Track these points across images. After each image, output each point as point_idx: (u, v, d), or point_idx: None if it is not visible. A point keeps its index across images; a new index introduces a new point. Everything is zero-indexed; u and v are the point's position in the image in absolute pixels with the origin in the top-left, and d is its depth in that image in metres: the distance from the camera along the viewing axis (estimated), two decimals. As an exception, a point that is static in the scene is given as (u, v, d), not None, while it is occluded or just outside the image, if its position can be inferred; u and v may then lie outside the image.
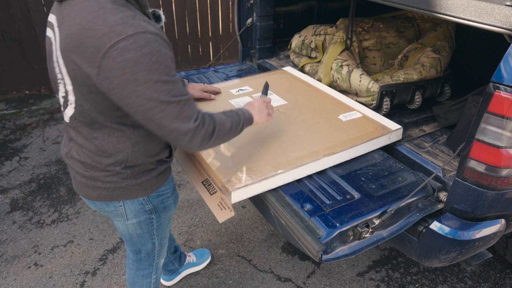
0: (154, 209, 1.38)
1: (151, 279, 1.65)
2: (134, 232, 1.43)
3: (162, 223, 1.47)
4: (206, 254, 2.25)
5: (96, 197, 1.27)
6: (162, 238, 1.53)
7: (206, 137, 1.11)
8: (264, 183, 1.38)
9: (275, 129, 1.68)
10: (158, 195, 1.35)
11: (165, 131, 1.05)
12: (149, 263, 1.59)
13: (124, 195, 1.27)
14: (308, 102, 1.93)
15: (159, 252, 1.58)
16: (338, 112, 1.83)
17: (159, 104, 0.98)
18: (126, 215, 1.34)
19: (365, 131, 1.68)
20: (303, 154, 1.51)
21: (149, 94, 0.96)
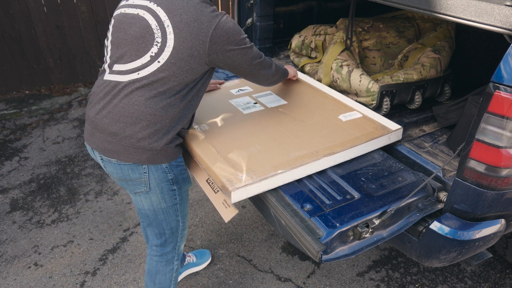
0: (175, 179, 1.48)
1: (173, 266, 1.71)
2: (159, 206, 1.51)
3: (183, 197, 1.57)
4: (207, 254, 2.25)
5: (124, 158, 1.37)
6: (184, 215, 1.62)
7: (268, 65, 1.58)
8: (264, 183, 1.38)
9: (275, 129, 1.68)
10: (177, 165, 1.47)
11: (256, 64, 1.49)
12: (172, 246, 1.66)
13: (151, 159, 1.38)
14: (308, 102, 1.93)
15: (182, 233, 1.66)
16: (338, 112, 1.83)
17: (248, 48, 1.43)
18: (149, 184, 1.44)
19: (365, 131, 1.68)
20: (303, 154, 1.51)
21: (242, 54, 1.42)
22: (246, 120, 1.75)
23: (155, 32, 1.30)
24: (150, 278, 1.70)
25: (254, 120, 1.75)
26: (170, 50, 1.30)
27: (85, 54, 4.34)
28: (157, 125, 1.34)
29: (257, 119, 1.76)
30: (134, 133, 1.34)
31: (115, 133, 1.35)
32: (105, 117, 1.36)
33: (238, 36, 1.36)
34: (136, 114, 1.33)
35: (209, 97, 1.97)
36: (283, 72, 1.77)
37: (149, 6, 1.32)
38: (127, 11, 1.36)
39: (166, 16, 1.30)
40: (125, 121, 1.33)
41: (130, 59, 1.33)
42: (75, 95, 4.21)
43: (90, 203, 2.67)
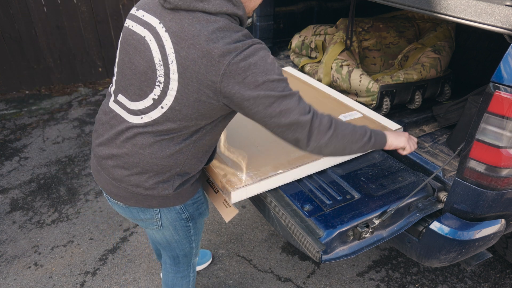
0: (190, 217, 1.38)
1: (190, 278, 1.69)
2: (172, 238, 1.43)
3: (199, 228, 1.48)
4: (208, 255, 2.25)
5: (133, 203, 1.25)
6: (198, 240, 1.55)
7: (322, 131, 1.11)
8: (264, 183, 1.38)
9: None
10: (193, 203, 1.36)
11: (284, 125, 1.08)
12: (187, 265, 1.62)
13: (162, 203, 1.26)
14: (308, 102, 1.93)
15: (196, 253, 1.61)
16: (338, 112, 1.83)
17: (276, 98, 1.04)
18: (161, 223, 1.34)
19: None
20: (303, 154, 1.51)
21: (269, 90, 1.03)
22: (246, 120, 1.75)
23: (157, 69, 1.06)
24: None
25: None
26: (173, 95, 1.06)
27: (85, 54, 4.34)
28: (166, 174, 1.19)
29: None
30: (141, 183, 1.20)
31: (120, 180, 1.21)
32: (109, 159, 1.21)
33: (264, 76, 1.01)
34: (142, 164, 1.17)
35: None
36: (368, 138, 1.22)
37: (157, 30, 1.06)
38: (134, 29, 1.12)
39: (172, 49, 1.03)
40: (130, 170, 1.19)
41: (134, 97, 1.14)
42: (75, 95, 4.21)
43: (90, 203, 2.67)
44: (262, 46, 1.05)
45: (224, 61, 0.99)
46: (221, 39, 1.00)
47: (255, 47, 1.02)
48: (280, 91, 1.04)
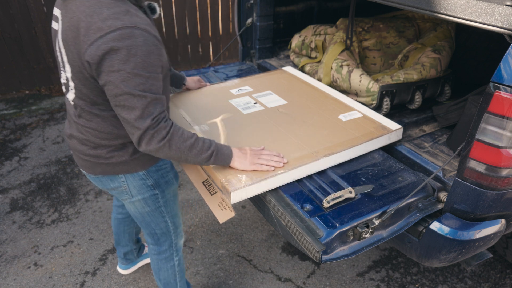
0: (156, 184, 1.45)
1: (174, 262, 1.72)
2: (143, 210, 1.51)
3: (168, 199, 1.54)
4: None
5: (100, 172, 1.37)
6: (173, 216, 1.60)
7: (156, 138, 1.16)
8: (263, 184, 1.38)
9: (275, 129, 1.68)
10: (157, 170, 1.43)
11: (123, 119, 1.15)
12: (168, 245, 1.66)
13: (124, 170, 1.36)
14: (308, 102, 1.93)
15: (175, 232, 1.66)
16: (338, 112, 1.83)
17: (124, 93, 1.08)
18: (130, 192, 1.43)
19: (365, 131, 1.67)
20: (303, 154, 1.51)
21: (118, 82, 1.07)
22: (246, 120, 1.75)
23: (58, 55, 1.21)
24: (155, 275, 1.76)
25: (254, 120, 1.75)
26: (70, 76, 1.19)
27: (85, 54, 4.34)
28: (117, 142, 1.30)
29: (257, 119, 1.76)
30: (99, 154, 1.32)
31: (84, 153, 1.34)
32: (71, 138, 1.36)
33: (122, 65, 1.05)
34: (92, 139, 1.29)
35: (209, 97, 1.98)
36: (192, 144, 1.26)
37: (59, 19, 1.17)
38: (53, 25, 1.24)
39: (61, 34, 1.15)
40: (86, 145, 1.32)
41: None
42: (75, 95, 4.21)
43: (90, 203, 2.67)
44: (133, 32, 1.05)
45: (88, 40, 1.05)
46: (95, 15, 1.05)
47: (123, 32, 1.04)
48: (132, 88, 1.08)
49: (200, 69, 2.48)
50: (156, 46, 1.11)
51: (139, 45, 1.05)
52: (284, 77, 2.22)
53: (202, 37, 4.73)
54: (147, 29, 1.08)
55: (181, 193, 2.78)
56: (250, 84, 2.12)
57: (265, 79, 2.19)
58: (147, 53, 1.07)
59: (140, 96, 1.09)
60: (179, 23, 4.50)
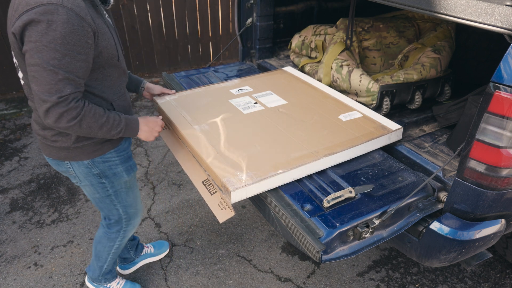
0: (102, 174, 1.48)
1: (115, 244, 1.79)
2: (93, 196, 1.57)
3: (119, 189, 1.57)
4: (165, 245, 2.28)
5: (48, 154, 1.43)
6: (126, 206, 1.64)
7: (66, 117, 1.19)
8: (264, 183, 1.38)
9: (275, 129, 1.68)
10: (104, 161, 1.46)
11: (33, 90, 1.17)
12: (117, 229, 1.73)
13: (69, 156, 1.41)
14: (308, 102, 1.93)
15: (128, 222, 1.72)
16: (338, 112, 1.83)
17: (36, 64, 1.12)
18: (78, 177, 1.48)
19: (365, 131, 1.68)
20: (303, 154, 1.51)
21: (34, 52, 1.10)
22: (246, 120, 1.75)
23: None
24: (94, 243, 1.84)
25: (254, 120, 1.75)
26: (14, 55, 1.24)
27: (85, 54, 4.34)
28: None
29: (257, 119, 1.76)
30: (46, 135, 1.36)
31: (37, 132, 1.40)
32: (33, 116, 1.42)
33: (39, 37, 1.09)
34: (39, 120, 1.34)
35: (209, 97, 1.98)
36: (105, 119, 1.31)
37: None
38: None
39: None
40: (39, 124, 1.37)
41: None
42: (75, 95, 4.21)
43: (90, 203, 2.67)
44: (57, 9, 1.09)
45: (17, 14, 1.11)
46: None
47: (47, 8, 1.08)
48: (45, 61, 1.11)
49: (200, 69, 2.48)
50: (81, 27, 1.13)
51: (61, 21, 1.09)
52: (284, 77, 2.22)
53: (202, 37, 4.73)
54: (74, 9, 1.12)
55: (181, 193, 2.79)
56: (250, 84, 2.12)
57: (265, 79, 2.19)
58: (69, 31, 1.11)
59: (51, 70, 1.12)
60: (179, 23, 4.50)
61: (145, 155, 3.19)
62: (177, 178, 2.93)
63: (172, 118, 1.75)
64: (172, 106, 1.86)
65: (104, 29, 1.25)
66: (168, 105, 1.86)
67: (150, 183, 2.86)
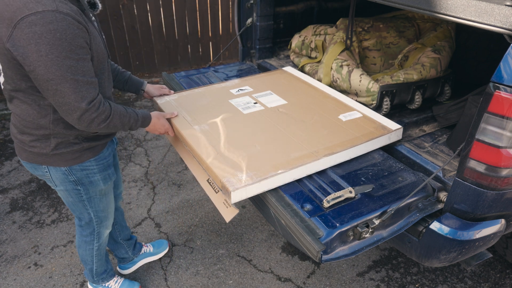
0: (78, 181, 1.48)
1: (93, 246, 1.77)
2: (67, 199, 1.56)
3: (93, 196, 1.57)
4: (164, 244, 2.28)
5: (24, 158, 1.41)
6: (99, 211, 1.64)
7: (97, 121, 1.24)
8: (264, 183, 1.38)
9: (275, 129, 1.68)
10: (82, 169, 1.45)
11: (58, 103, 1.17)
12: (90, 232, 1.71)
13: (46, 162, 1.40)
14: (308, 102, 1.93)
15: (100, 224, 1.70)
16: (338, 112, 1.83)
17: (56, 77, 1.11)
18: (53, 181, 1.47)
19: (365, 131, 1.68)
20: (303, 154, 1.51)
21: (49, 66, 1.09)
22: (246, 120, 1.76)
23: None
24: (76, 248, 1.83)
25: (254, 120, 1.75)
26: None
27: (85, 54, 4.34)
28: (39, 131, 1.32)
29: (257, 119, 1.76)
30: (24, 140, 1.36)
31: (14, 135, 1.40)
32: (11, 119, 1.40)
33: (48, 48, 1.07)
34: (18, 124, 1.33)
35: (209, 97, 1.98)
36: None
37: None
38: None
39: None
40: (17, 128, 1.36)
41: None
42: (75, 95, 4.21)
43: (90, 203, 2.67)
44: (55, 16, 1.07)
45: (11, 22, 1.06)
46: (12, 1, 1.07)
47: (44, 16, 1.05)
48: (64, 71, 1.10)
49: (200, 69, 2.48)
50: (81, 29, 1.14)
51: (63, 28, 1.08)
52: (284, 77, 2.22)
53: (202, 37, 4.73)
54: (70, 13, 1.11)
55: (181, 193, 2.79)
56: (250, 84, 2.12)
57: (265, 79, 2.19)
58: (73, 36, 1.10)
59: (72, 79, 1.13)
60: (179, 23, 4.50)
61: (145, 155, 3.19)
62: (177, 178, 2.93)
63: (172, 118, 1.76)
64: (172, 106, 1.86)
65: (94, 32, 1.25)
66: (168, 105, 1.86)
67: (150, 183, 2.86)
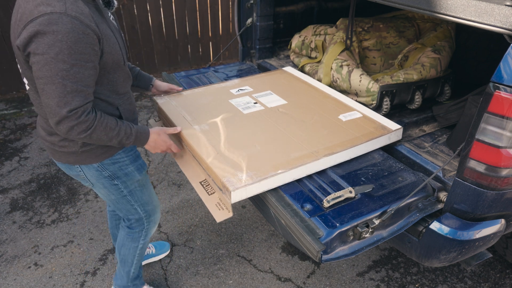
0: (113, 175, 1.47)
1: (139, 244, 1.76)
2: (109, 198, 1.55)
3: (133, 189, 1.56)
4: (166, 246, 2.29)
5: (57, 159, 1.41)
6: (144, 204, 1.63)
7: (76, 130, 1.19)
8: (264, 183, 1.38)
9: (275, 129, 1.68)
10: (113, 162, 1.44)
11: (44, 102, 1.16)
12: (139, 229, 1.72)
13: (77, 161, 1.39)
14: (308, 102, 1.93)
15: (148, 219, 1.70)
16: (338, 112, 1.83)
17: (45, 77, 1.11)
18: (89, 180, 1.47)
19: (365, 131, 1.68)
20: (303, 154, 1.51)
21: (41, 65, 1.09)
22: (246, 120, 1.76)
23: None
24: (117, 248, 1.81)
25: (254, 120, 1.75)
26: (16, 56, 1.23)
27: (85, 54, 4.34)
28: None
29: (257, 119, 1.76)
30: (53, 141, 1.36)
31: (44, 138, 1.39)
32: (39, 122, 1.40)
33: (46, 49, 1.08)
34: (45, 126, 1.34)
35: (209, 97, 1.98)
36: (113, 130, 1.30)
37: None
38: None
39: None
40: (45, 130, 1.36)
41: None
42: (75, 95, 4.21)
43: (90, 203, 2.67)
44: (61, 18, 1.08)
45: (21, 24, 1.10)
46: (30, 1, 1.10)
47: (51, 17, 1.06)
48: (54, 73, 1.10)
49: (200, 69, 2.48)
50: (87, 34, 1.12)
51: (66, 31, 1.07)
52: (284, 77, 2.22)
53: (202, 37, 4.73)
54: (78, 17, 1.10)
55: (181, 193, 2.79)
56: (250, 84, 2.12)
57: (265, 79, 2.19)
58: (75, 40, 1.09)
59: (59, 83, 1.11)
60: (179, 23, 4.50)
61: (145, 155, 3.19)
62: (177, 178, 2.93)
63: (172, 118, 1.75)
64: (172, 106, 1.86)
65: (108, 34, 1.24)
66: (168, 105, 1.86)
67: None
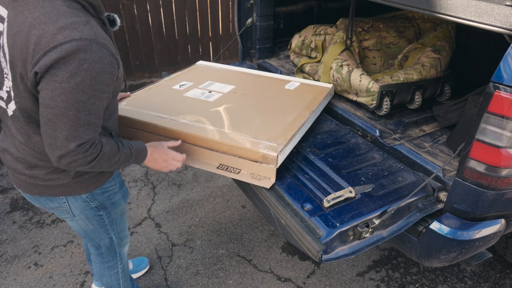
0: (101, 206, 1.36)
1: (118, 269, 1.65)
2: (87, 228, 1.42)
3: (114, 218, 1.46)
4: (145, 262, 2.17)
5: (36, 193, 1.26)
6: (119, 231, 1.53)
7: (79, 162, 1.08)
8: (291, 143, 1.53)
9: (252, 106, 1.79)
10: (103, 192, 1.34)
11: (46, 132, 1.03)
12: (112, 256, 1.59)
13: (64, 192, 1.26)
14: (250, 83, 2.06)
15: (120, 244, 1.58)
16: (281, 84, 2.03)
17: (57, 107, 0.98)
18: (72, 212, 1.33)
19: (314, 92, 1.96)
20: (294, 116, 1.70)
21: (56, 94, 0.97)
22: (219, 106, 1.77)
23: (1, 61, 1.07)
24: (98, 278, 1.69)
25: (227, 104, 1.79)
26: (12, 86, 1.06)
27: (85, 54, 4.34)
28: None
29: (228, 103, 1.80)
30: (36, 175, 1.21)
31: (19, 172, 1.22)
32: (6, 152, 1.24)
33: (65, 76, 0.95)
34: (28, 158, 1.18)
35: (161, 95, 1.86)
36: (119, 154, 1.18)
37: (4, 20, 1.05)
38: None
39: (6, 38, 1.02)
40: (22, 164, 1.20)
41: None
42: (75, 95, 4.21)
43: (90, 203, 2.67)
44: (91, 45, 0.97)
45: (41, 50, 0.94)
46: (50, 23, 0.95)
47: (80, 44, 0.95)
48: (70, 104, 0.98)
49: (200, 69, 2.48)
50: (111, 64, 1.03)
51: (94, 60, 0.97)
52: (206, 69, 2.26)
53: (202, 37, 4.73)
54: (107, 45, 1.01)
55: (181, 193, 2.79)
56: (188, 78, 2.07)
57: (191, 74, 2.17)
58: (99, 71, 0.99)
59: (73, 115, 0.99)
60: (179, 23, 4.50)
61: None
62: (177, 178, 2.93)
63: (144, 119, 1.60)
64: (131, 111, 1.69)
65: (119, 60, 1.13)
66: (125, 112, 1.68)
67: (150, 183, 2.86)
